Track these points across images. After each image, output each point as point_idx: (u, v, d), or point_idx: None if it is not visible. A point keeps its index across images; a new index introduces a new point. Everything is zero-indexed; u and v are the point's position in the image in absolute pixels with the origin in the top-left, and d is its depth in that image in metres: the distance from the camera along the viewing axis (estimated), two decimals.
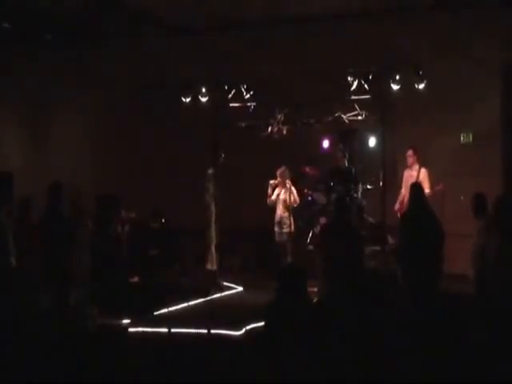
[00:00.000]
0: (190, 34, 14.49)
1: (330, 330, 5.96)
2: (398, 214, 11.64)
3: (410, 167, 12.24)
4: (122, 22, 14.17)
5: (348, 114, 12.23)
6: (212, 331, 8.75)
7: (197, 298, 10.99)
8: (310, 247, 12.63)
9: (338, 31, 13.31)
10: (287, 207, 12.06)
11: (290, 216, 12.08)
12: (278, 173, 12.14)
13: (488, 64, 12.82)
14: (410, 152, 12.23)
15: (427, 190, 11.07)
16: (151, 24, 14.21)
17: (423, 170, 12.08)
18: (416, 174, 12.02)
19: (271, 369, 5.76)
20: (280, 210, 12.12)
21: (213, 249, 12.62)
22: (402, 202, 11.98)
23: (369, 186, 12.81)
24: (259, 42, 13.73)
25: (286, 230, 12.08)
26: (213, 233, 12.56)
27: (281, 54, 13.62)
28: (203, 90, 12.54)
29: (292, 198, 11.99)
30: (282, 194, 12.13)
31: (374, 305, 7.96)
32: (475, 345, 7.63)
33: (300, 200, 12.31)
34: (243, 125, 12.61)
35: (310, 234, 12.89)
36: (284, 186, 12.10)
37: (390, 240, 12.06)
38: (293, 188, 12.06)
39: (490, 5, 12.65)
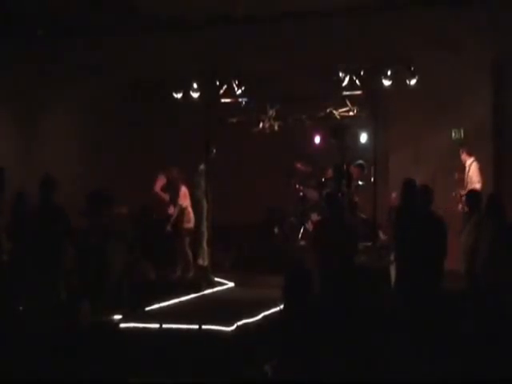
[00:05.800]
0: (182, 30, 14.45)
1: (324, 329, 5.96)
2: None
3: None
4: (112, 19, 14.11)
5: (340, 110, 12.25)
6: (203, 327, 8.75)
7: (188, 294, 10.98)
8: (302, 243, 12.65)
9: (331, 28, 13.30)
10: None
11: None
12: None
13: (479, 61, 12.85)
14: (465, 154, 12.28)
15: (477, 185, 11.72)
16: (141, 20, 14.15)
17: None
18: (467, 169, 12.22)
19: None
20: None
21: (204, 244, 12.63)
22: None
23: (360, 182, 12.83)
24: (251, 38, 13.70)
25: None
26: (204, 228, 12.57)
27: (273, 50, 13.58)
28: (194, 85, 12.50)
29: None
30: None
31: (368, 303, 7.95)
32: (473, 344, 7.66)
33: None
34: (235, 120, 12.60)
35: (302, 230, 12.91)
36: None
37: (382, 236, 12.11)
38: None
39: (481, 3, 12.68)
